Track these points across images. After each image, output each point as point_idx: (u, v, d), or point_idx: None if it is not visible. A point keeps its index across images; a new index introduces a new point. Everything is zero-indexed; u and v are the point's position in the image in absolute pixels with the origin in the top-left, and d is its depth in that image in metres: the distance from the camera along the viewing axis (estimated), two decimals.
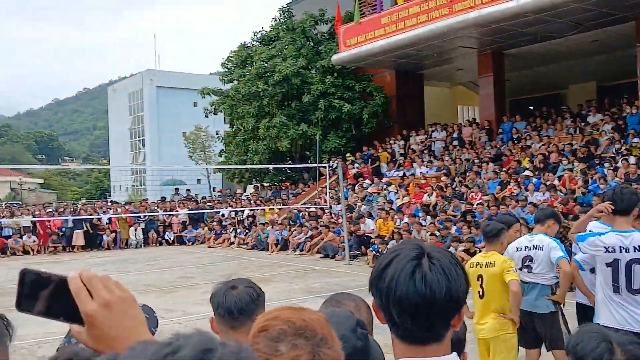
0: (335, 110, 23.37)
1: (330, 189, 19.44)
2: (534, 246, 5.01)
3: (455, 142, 21.00)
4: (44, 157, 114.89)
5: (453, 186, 17.58)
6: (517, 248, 5.12)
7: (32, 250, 20.66)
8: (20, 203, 37.02)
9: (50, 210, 23.36)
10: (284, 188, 24.92)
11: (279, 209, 21.06)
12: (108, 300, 0.92)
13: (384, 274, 1.28)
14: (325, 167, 19.10)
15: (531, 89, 24.42)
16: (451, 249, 12.81)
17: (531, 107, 23.56)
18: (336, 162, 20.56)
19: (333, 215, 19.05)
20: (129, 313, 0.94)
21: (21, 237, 20.94)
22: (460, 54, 20.94)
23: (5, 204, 31.91)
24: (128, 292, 0.96)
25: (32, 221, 21.04)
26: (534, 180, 15.55)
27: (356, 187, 20.87)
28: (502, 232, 4.65)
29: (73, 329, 0.94)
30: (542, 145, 17.82)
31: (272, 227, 19.41)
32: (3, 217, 21.89)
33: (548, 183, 15.04)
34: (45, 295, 0.92)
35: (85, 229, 21.29)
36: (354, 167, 22.40)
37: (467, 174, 17.81)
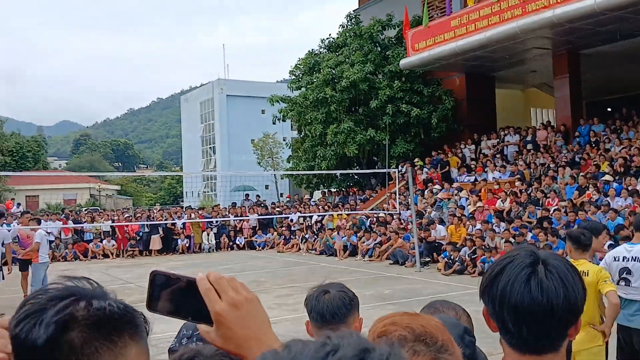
0: (403, 115, 23.16)
1: (399, 194, 19.27)
2: (632, 257, 4.61)
3: (529, 146, 20.33)
4: (120, 165, 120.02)
5: (528, 192, 17.03)
6: (615, 258, 4.72)
7: (112, 254, 21.56)
8: (99, 209, 38.71)
9: (128, 215, 24.34)
10: (351, 194, 24.92)
11: (347, 214, 21.06)
12: (236, 301, 0.94)
13: (497, 280, 1.24)
14: (394, 172, 18.94)
15: (609, 90, 23.33)
16: None
17: (609, 109, 22.52)
18: (405, 167, 20.36)
19: (402, 221, 18.86)
20: (256, 313, 0.96)
21: (101, 241, 21.92)
22: (533, 56, 20.30)
23: (86, 210, 33.45)
24: (253, 293, 0.98)
25: (111, 226, 21.97)
26: (615, 185, 14.84)
27: (425, 192, 20.59)
28: (593, 240, 4.40)
29: (201, 328, 0.96)
30: (623, 148, 16.98)
31: (339, 233, 19.43)
32: (85, 222, 22.96)
33: (630, 188, 14.31)
34: (175, 296, 0.95)
35: (161, 233, 22.02)
36: (423, 173, 22.11)
37: (543, 178, 17.21)
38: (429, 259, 16.10)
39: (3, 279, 11.05)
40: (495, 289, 1.24)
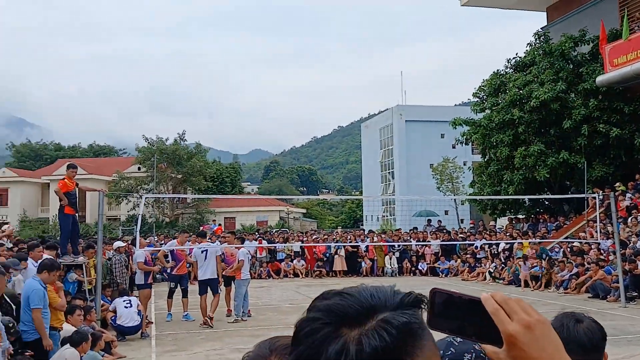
0: (600, 135, 21.30)
1: (596, 222, 17.63)
2: None
3: None
4: (304, 189, 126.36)
5: None
6: None
7: (301, 273, 22.64)
8: (288, 230, 40.97)
9: (315, 237, 25.43)
10: (541, 220, 23.38)
11: (538, 242, 19.76)
12: (529, 322, 0.91)
13: None
14: (593, 197, 17.40)
15: None
16: None
17: None
18: (604, 192, 18.61)
19: (602, 251, 17.21)
20: (549, 336, 0.92)
21: (292, 261, 23.15)
22: None
23: (276, 231, 35.59)
24: (543, 316, 0.94)
25: (301, 246, 23.13)
26: None
27: (629, 220, 18.58)
28: None
29: (487, 349, 0.94)
30: None
31: (526, 263, 18.27)
32: (277, 242, 24.44)
33: None
34: (458, 314, 0.94)
35: (345, 255, 22.63)
36: (625, 199, 20.02)
37: None
38: (636, 294, 14.44)
39: (219, 291, 12.24)
40: None
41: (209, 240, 14.03)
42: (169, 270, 13.15)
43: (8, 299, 7.52)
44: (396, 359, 0.82)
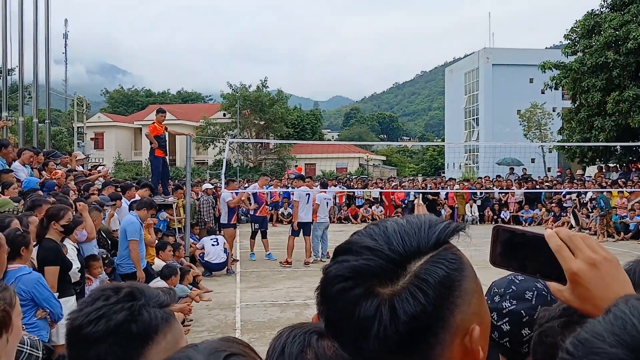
0: None
1: None
2: None
3: None
4: (385, 137, 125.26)
5: None
6: None
7: (379, 219, 22.81)
8: (367, 177, 41.02)
9: (395, 184, 25.38)
10: (634, 169, 22.11)
11: (630, 192, 18.76)
12: (594, 259, 0.88)
13: None
14: None
15: None
16: None
17: None
18: None
19: None
20: (617, 274, 0.89)
21: (370, 207, 23.31)
22: None
23: (355, 177, 35.77)
24: (611, 253, 0.91)
25: (380, 193, 23.20)
26: None
27: None
28: None
29: (551, 286, 0.93)
30: None
31: (617, 213, 17.43)
32: (356, 188, 24.62)
33: None
34: (521, 252, 0.93)
35: (424, 202, 22.53)
36: None
37: None
38: None
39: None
40: None
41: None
42: (251, 212, 13.61)
43: (104, 234, 8.09)
44: (435, 317, 0.78)
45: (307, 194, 12.58)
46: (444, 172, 57.02)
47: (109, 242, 8.22)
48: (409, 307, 0.77)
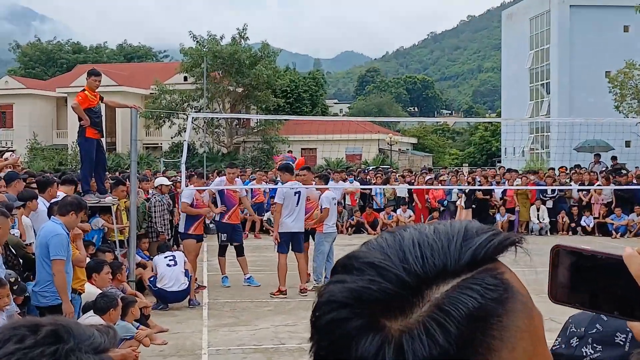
0: None
1: None
2: None
3: None
4: (416, 110, 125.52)
5: None
6: None
7: None
8: (390, 167, 41.07)
9: (429, 177, 25.40)
10: None
11: None
12: None
13: None
14: None
15: None
16: None
17: None
18: None
19: None
20: None
21: (395, 211, 23.31)
22: None
23: (373, 168, 35.72)
24: None
25: (408, 190, 23.20)
26: None
27: None
28: None
29: (634, 328, 0.93)
30: None
31: None
32: (374, 183, 24.63)
33: None
34: (591, 281, 0.93)
35: (473, 205, 22.50)
36: None
37: None
38: None
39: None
40: None
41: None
42: (217, 218, 13.64)
43: (12, 249, 8.06)
44: None
45: (296, 192, 12.53)
46: (499, 161, 57.07)
47: (20, 260, 8.23)
48: (421, 349, 0.76)
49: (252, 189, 17.60)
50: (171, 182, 16.50)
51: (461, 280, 0.80)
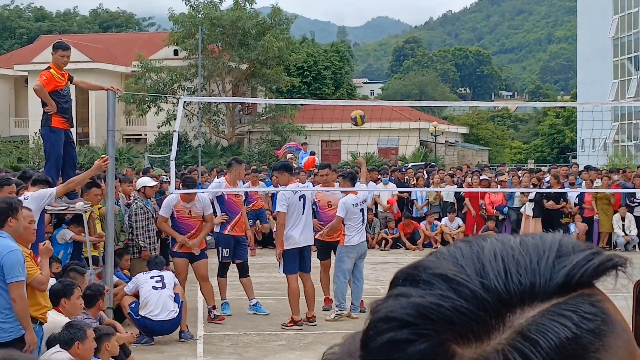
0: None
1: None
2: None
3: None
4: (467, 91, 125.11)
5: None
6: None
7: (454, 240, 22.80)
8: (434, 164, 40.93)
9: (485, 177, 25.29)
10: None
11: None
12: None
13: None
14: None
15: None
16: None
17: None
18: None
19: None
20: None
21: (439, 219, 23.27)
22: None
23: (412, 166, 35.66)
24: None
25: (456, 194, 23.11)
26: None
27: None
28: None
29: None
30: None
31: None
32: (415, 185, 24.58)
33: None
34: None
35: (539, 212, 22.39)
36: None
37: None
38: None
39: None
40: None
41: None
42: (217, 229, 13.61)
43: None
44: None
45: (300, 197, 12.53)
46: (574, 156, 56.81)
47: None
48: None
49: (246, 192, 17.45)
50: (156, 182, 16.53)
51: (552, 305, 0.80)
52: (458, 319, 0.78)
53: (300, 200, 12.48)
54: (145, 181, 15.22)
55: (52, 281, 9.09)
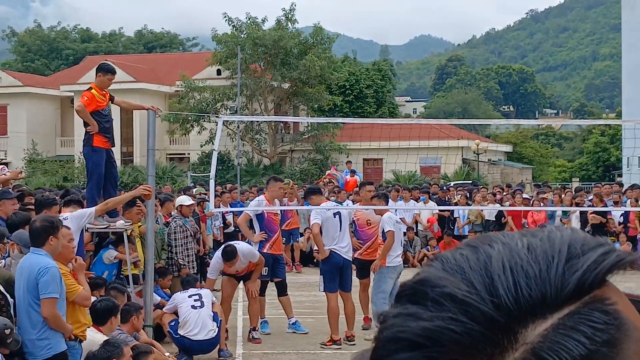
0: None
1: None
2: None
3: None
4: (510, 109, 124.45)
5: None
6: None
7: None
8: (478, 183, 40.72)
9: (528, 195, 25.08)
10: None
11: None
12: None
13: None
14: None
15: None
16: None
17: None
18: None
19: None
20: None
21: None
22: None
23: (454, 185, 35.48)
24: None
25: (499, 212, 22.98)
26: None
27: None
28: None
29: None
30: None
31: None
32: (457, 203, 24.47)
33: None
34: None
35: (584, 229, 22.28)
36: None
37: None
38: None
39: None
40: None
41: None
42: (256, 248, 13.61)
43: (3, 289, 8.08)
44: None
45: (335, 214, 12.53)
46: (620, 175, 56.22)
47: (11, 301, 8.27)
48: None
49: (282, 211, 17.47)
50: (196, 200, 16.58)
51: (565, 315, 0.78)
52: (469, 342, 0.77)
53: (335, 217, 12.53)
54: (182, 200, 15.28)
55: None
